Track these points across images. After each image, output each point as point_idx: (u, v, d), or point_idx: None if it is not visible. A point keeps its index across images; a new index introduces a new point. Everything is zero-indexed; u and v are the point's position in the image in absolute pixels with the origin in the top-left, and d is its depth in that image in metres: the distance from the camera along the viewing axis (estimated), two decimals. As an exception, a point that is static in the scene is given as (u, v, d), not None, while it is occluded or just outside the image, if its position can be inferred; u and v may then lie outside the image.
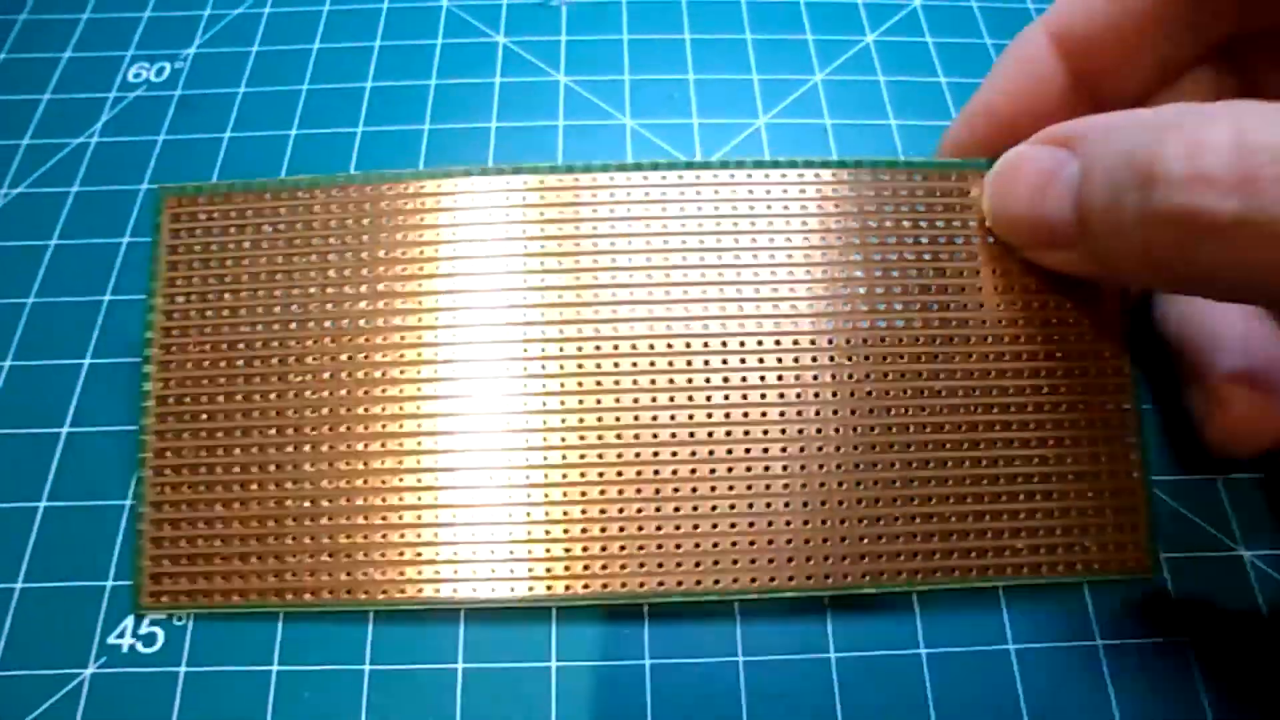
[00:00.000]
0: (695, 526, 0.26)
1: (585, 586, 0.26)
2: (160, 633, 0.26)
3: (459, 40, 0.38)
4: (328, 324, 0.27)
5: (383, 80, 0.37)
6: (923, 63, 0.38)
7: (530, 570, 0.26)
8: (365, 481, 0.26)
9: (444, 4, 0.39)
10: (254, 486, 0.26)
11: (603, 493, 0.26)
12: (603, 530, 0.26)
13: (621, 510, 0.26)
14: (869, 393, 0.27)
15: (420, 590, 0.26)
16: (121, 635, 0.26)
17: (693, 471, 0.26)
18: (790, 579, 0.26)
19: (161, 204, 0.28)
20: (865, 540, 0.26)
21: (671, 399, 0.27)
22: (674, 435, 0.27)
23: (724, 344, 0.27)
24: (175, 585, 0.26)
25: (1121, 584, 0.27)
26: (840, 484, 0.26)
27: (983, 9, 0.39)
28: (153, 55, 0.37)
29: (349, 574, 0.26)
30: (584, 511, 0.26)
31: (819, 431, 0.27)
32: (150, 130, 0.35)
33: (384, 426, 0.27)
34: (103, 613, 0.27)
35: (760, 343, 0.27)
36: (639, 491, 0.26)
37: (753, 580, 0.26)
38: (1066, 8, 0.26)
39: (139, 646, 0.26)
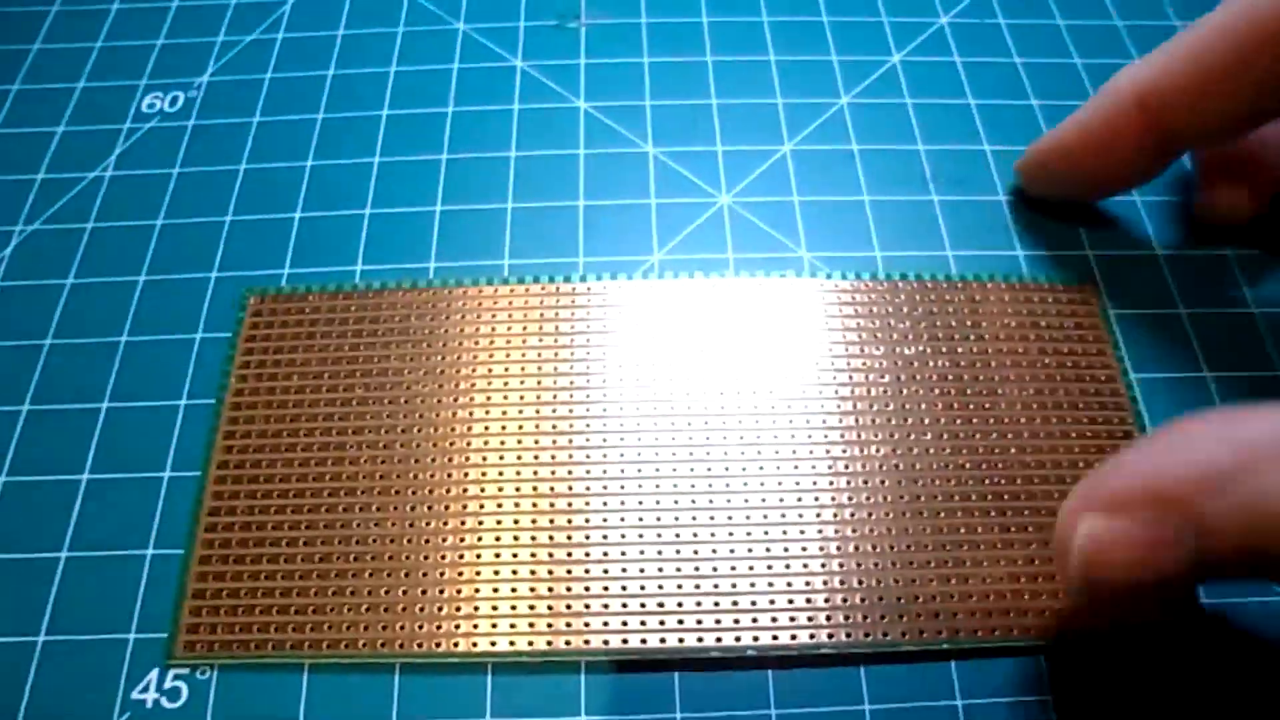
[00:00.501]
0: (734, 585, 0.27)
1: (624, 641, 0.26)
2: (184, 687, 0.26)
3: (476, 65, 0.37)
4: (380, 406, 0.30)
5: (399, 108, 0.36)
6: (958, 84, 0.37)
7: (564, 625, 0.26)
8: (409, 541, 0.27)
9: (460, 27, 0.38)
10: (300, 544, 0.27)
11: (642, 552, 0.27)
12: (642, 588, 0.27)
13: (661, 569, 0.27)
14: (905, 455, 0.29)
15: (455, 644, 0.26)
16: (146, 690, 0.26)
17: (730, 533, 0.27)
18: (830, 636, 0.26)
19: (245, 302, 0.31)
20: (902, 600, 0.26)
21: (707, 456, 0.29)
22: (709, 499, 0.28)
23: (755, 407, 0.29)
24: (210, 635, 0.26)
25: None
26: (875, 546, 0.27)
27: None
28: (166, 84, 0.37)
29: (383, 627, 0.26)
30: (624, 570, 0.27)
31: (857, 500, 0.28)
32: (165, 163, 0.35)
33: (428, 492, 0.28)
34: (126, 666, 0.26)
35: (809, 421, 0.29)
36: (676, 551, 0.27)
37: (793, 638, 0.26)
38: (1147, 67, 0.28)
39: (164, 701, 0.26)
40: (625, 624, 0.26)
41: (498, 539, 0.27)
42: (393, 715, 0.26)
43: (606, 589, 0.27)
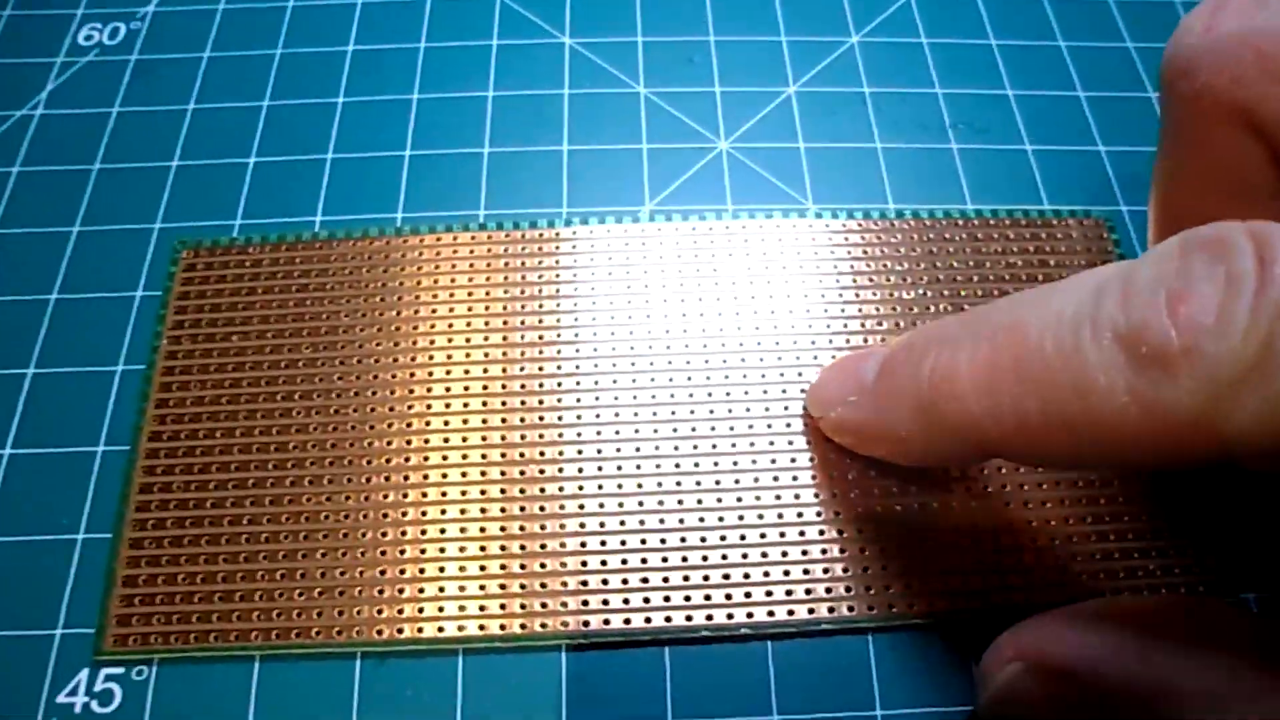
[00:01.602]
0: (724, 557, 0.24)
1: (605, 622, 0.23)
2: (117, 689, 0.23)
3: (450, -4, 0.34)
4: (331, 368, 0.27)
5: (366, 43, 0.33)
6: (970, 23, 0.34)
7: (539, 605, 0.24)
8: (365, 516, 0.25)
9: (433, -46, 0.35)
10: (244, 523, 0.25)
11: (622, 523, 0.25)
12: (624, 562, 0.24)
13: (644, 541, 0.24)
14: None
15: (420, 629, 0.23)
16: (74, 693, 0.23)
17: (718, 499, 0.25)
18: (830, 610, 0.24)
19: (177, 257, 0.28)
20: (907, 567, 0.24)
21: (691, 415, 0.26)
22: (694, 462, 0.25)
23: (742, 361, 0.27)
24: (144, 627, 0.23)
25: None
26: (880, 508, 0.25)
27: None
28: (106, 14, 0.33)
29: (340, 613, 0.23)
30: (603, 543, 0.24)
31: (855, 461, 0.25)
32: (103, 101, 0.31)
33: (385, 461, 0.25)
34: (51, 666, 0.23)
35: (800, 374, 0.27)
36: (660, 521, 0.25)
37: (790, 613, 0.24)
38: None
39: (94, 705, 0.23)
40: (606, 602, 0.24)
41: (463, 512, 0.24)
42: (354, 708, 0.23)
43: (584, 564, 0.24)
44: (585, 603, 0.24)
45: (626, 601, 0.24)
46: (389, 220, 0.29)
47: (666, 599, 0.24)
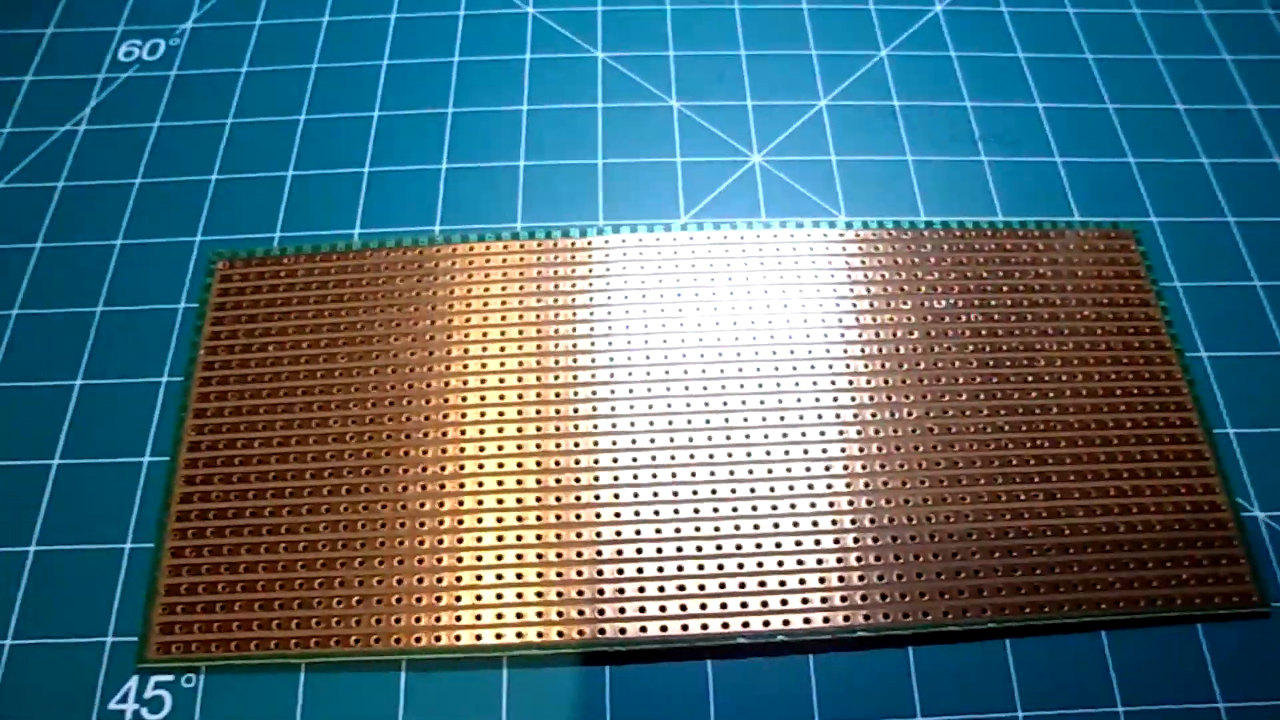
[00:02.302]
0: (760, 565, 0.24)
1: (643, 630, 0.24)
2: (167, 696, 0.23)
3: (483, 11, 0.34)
4: (367, 377, 0.27)
5: (400, 58, 0.33)
6: (998, 37, 0.34)
7: (576, 613, 0.24)
8: (403, 525, 0.25)
9: (466, -30, 0.35)
10: (283, 532, 0.25)
11: (658, 531, 0.25)
12: (660, 570, 0.24)
13: (680, 549, 0.25)
14: (938, 418, 0.26)
15: (458, 637, 0.24)
16: (124, 700, 0.23)
17: (753, 507, 0.25)
18: (866, 618, 0.24)
19: (213, 268, 0.29)
20: (943, 576, 0.24)
21: (725, 424, 0.26)
22: (729, 470, 0.25)
23: (775, 370, 0.27)
24: (187, 635, 0.24)
25: (1236, 624, 0.24)
26: (911, 518, 0.25)
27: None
28: (146, 31, 0.34)
29: (378, 621, 0.24)
30: (639, 551, 0.24)
31: (889, 468, 0.26)
32: (144, 116, 0.32)
33: (422, 470, 0.25)
34: (102, 674, 0.24)
35: (834, 383, 0.27)
36: (696, 529, 0.25)
37: (826, 620, 0.24)
38: None
39: (144, 713, 0.23)
40: (643, 610, 0.24)
41: (500, 520, 0.25)
42: (399, 717, 0.23)
43: (621, 572, 0.24)
44: (622, 610, 0.24)
45: (663, 609, 0.24)
46: (426, 233, 0.29)
47: (703, 606, 0.24)
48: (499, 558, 0.24)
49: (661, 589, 0.24)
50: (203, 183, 0.30)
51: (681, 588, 0.24)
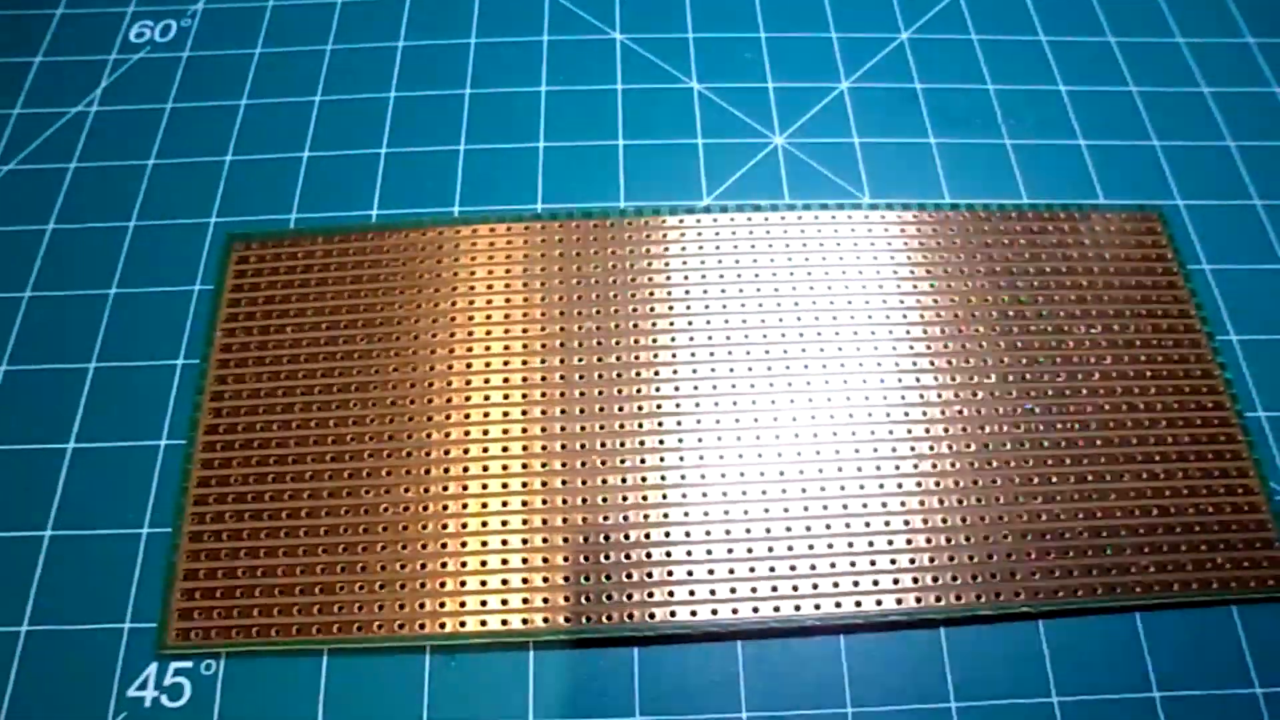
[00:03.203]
0: (790, 548, 0.24)
1: (672, 615, 0.23)
2: (187, 683, 0.23)
3: (500, -8, 0.34)
4: (387, 359, 0.26)
5: (416, 39, 0.33)
6: (1019, 20, 0.34)
7: (605, 598, 0.23)
8: (426, 509, 0.24)
9: (481, -48, 0.35)
10: (303, 516, 0.24)
11: (686, 514, 0.24)
12: (689, 554, 0.24)
13: (709, 533, 0.24)
14: (970, 401, 0.26)
15: (484, 622, 0.23)
16: (144, 686, 0.23)
17: (783, 490, 0.25)
18: (899, 602, 0.24)
19: (229, 249, 0.28)
20: (975, 559, 0.24)
21: (753, 406, 0.26)
22: (757, 453, 0.25)
23: (803, 351, 0.27)
24: (206, 621, 0.23)
25: (1271, 606, 0.24)
26: (943, 501, 0.25)
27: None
28: (157, 12, 0.33)
29: (401, 606, 0.23)
30: (666, 535, 0.24)
31: (919, 451, 0.25)
32: (156, 98, 0.31)
33: (445, 453, 0.25)
34: (121, 660, 0.23)
35: (861, 365, 0.27)
36: (725, 512, 0.24)
37: (858, 604, 0.24)
38: None
39: (164, 700, 0.23)
40: (672, 594, 0.23)
41: (525, 503, 0.24)
42: (424, 702, 0.23)
43: (649, 555, 0.24)
44: (651, 595, 0.23)
45: (693, 594, 0.23)
46: (446, 215, 0.29)
47: (734, 590, 0.23)
48: (524, 541, 0.24)
49: (690, 573, 0.24)
50: (217, 164, 0.30)
51: (711, 571, 0.24)
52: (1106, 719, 0.23)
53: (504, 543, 0.24)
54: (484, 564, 0.24)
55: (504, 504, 0.24)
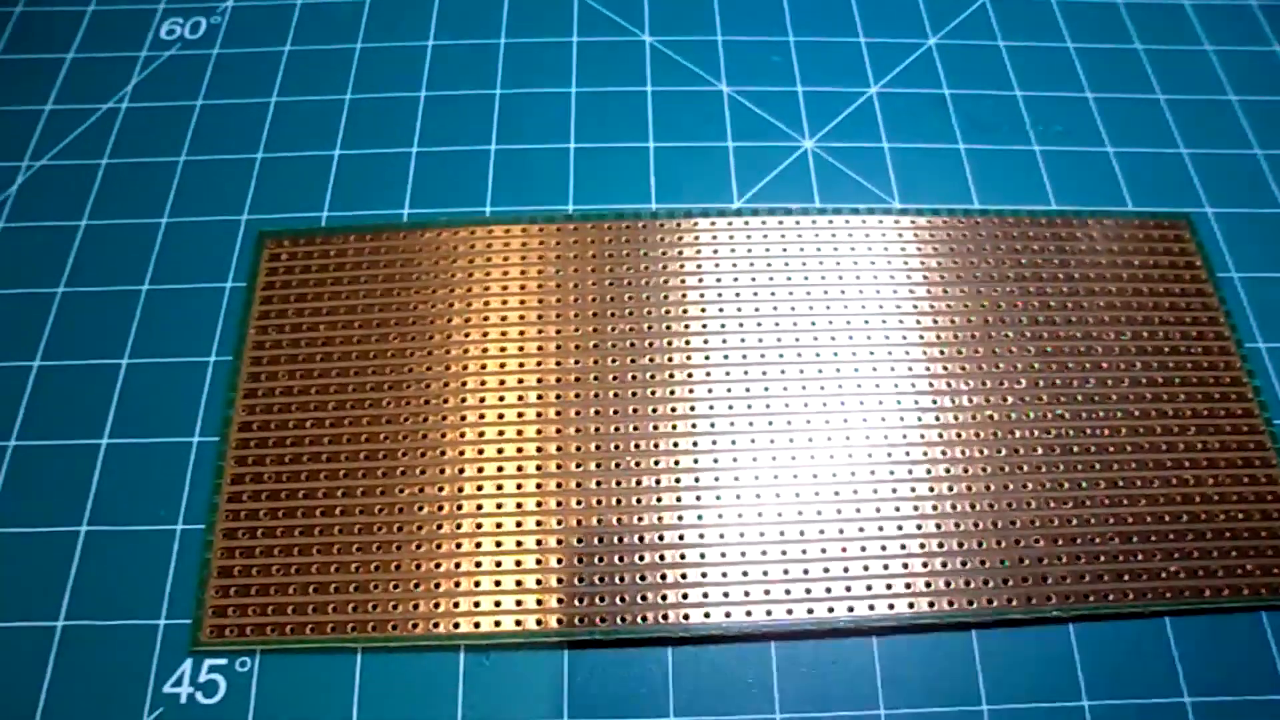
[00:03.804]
0: (823, 550, 0.24)
1: (706, 616, 0.23)
2: (222, 680, 0.23)
3: (529, -6, 0.34)
4: (421, 357, 0.26)
5: (446, 38, 0.33)
6: (1046, 27, 0.34)
7: (640, 599, 0.23)
8: (460, 508, 0.24)
9: (510, -47, 0.35)
10: (337, 514, 0.24)
11: (720, 516, 0.24)
12: (723, 555, 0.24)
13: (742, 535, 0.24)
14: (998, 406, 0.26)
15: (519, 623, 0.23)
16: (179, 683, 0.23)
17: (815, 492, 0.25)
18: (931, 605, 0.24)
19: (261, 246, 0.28)
20: (1006, 564, 0.24)
21: (786, 409, 0.26)
22: (790, 455, 0.25)
23: (835, 355, 0.27)
24: (241, 618, 0.23)
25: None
26: (974, 505, 0.25)
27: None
28: (187, 9, 0.33)
29: (437, 605, 0.23)
30: (700, 536, 0.24)
31: (950, 455, 0.25)
32: (187, 94, 0.31)
33: (479, 452, 0.25)
34: (156, 656, 0.23)
35: (893, 369, 0.27)
36: (758, 514, 0.25)
37: (890, 606, 0.24)
38: None
39: (199, 697, 0.23)
40: (706, 595, 0.23)
41: (559, 504, 0.24)
42: (459, 702, 0.23)
43: (683, 556, 0.24)
44: (685, 596, 0.23)
45: (727, 595, 0.23)
46: (477, 214, 0.29)
47: (767, 592, 0.23)
48: (559, 541, 0.24)
49: (725, 574, 0.24)
50: (248, 161, 0.30)
51: (745, 573, 0.24)
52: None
53: (539, 543, 0.24)
54: (518, 564, 0.24)
55: (538, 504, 0.24)
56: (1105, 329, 0.27)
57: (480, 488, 0.25)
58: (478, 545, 0.24)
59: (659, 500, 0.24)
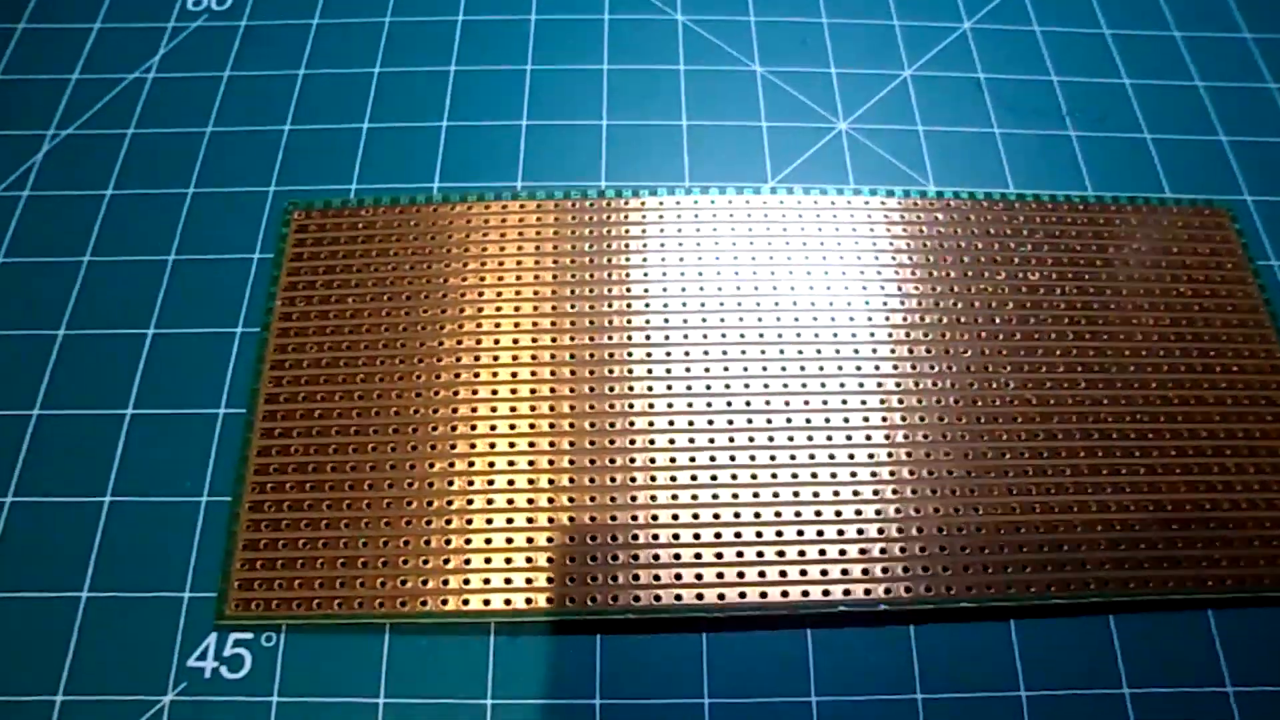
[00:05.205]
0: (840, 532, 0.24)
1: (742, 596, 0.23)
2: (247, 655, 0.23)
3: (559, -30, 0.34)
4: (451, 330, 0.26)
5: (476, 14, 0.32)
6: (1082, 12, 0.33)
7: (675, 577, 0.23)
8: (490, 483, 0.24)
9: (541, -70, 0.34)
10: (365, 488, 0.24)
11: (755, 495, 0.24)
12: (759, 535, 0.24)
13: (758, 514, 0.24)
14: (1036, 391, 0.26)
15: (550, 600, 0.23)
16: (203, 657, 0.22)
17: (857, 473, 0.24)
18: (969, 589, 0.23)
19: (288, 217, 0.28)
20: (1046, 549, 0.24)
21: (803, 389, 0.25)
22: (807, 435, 0.25)
23: (853, 336, 0.26)
24: (266, 592, 0.23)
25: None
26: (1013, 489, 0.24)
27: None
28: (215, -21, 0.33)
29: (466, 581, 0.23)
30: (736, 515, 0.24)
31: (989, 439, 0.25)
32: (214, 65, 0.31)
33: (510, 427, 0.25)
34: (181, 630, 0.23)
35: (929, 350, 0.26)
36: (775, 494, 0.24)
37: (927, 589, 0.23)
38: None
39: (224, 671, 0.22)
40: (742, 575, 0.23)
41: (592, 480, 0.24)
42: (489, 680, 0.22)
43: (719, 536, 0.23)
44: (721, 575, 0.23)
45: (763, 575, 0.23)
46: (508, 188, 0.28)
47: (803, 573, 0.23)
48: (592, 519, 0.24)
49: (760, 554, 0.23)
50: (276, 133, 0.30)
51: (782, 554, 0.23)
52: (1178, 712, 0.22)
53: (570, 520, 0.24)
54: (550, 540, 0.23)
55: (571, 480, 0.24)
56: (1144, 315, 0.27)
57: (512, 463, 0.24)
58: (509, 521, 0.23)
59: (695, 478, 0.24)
